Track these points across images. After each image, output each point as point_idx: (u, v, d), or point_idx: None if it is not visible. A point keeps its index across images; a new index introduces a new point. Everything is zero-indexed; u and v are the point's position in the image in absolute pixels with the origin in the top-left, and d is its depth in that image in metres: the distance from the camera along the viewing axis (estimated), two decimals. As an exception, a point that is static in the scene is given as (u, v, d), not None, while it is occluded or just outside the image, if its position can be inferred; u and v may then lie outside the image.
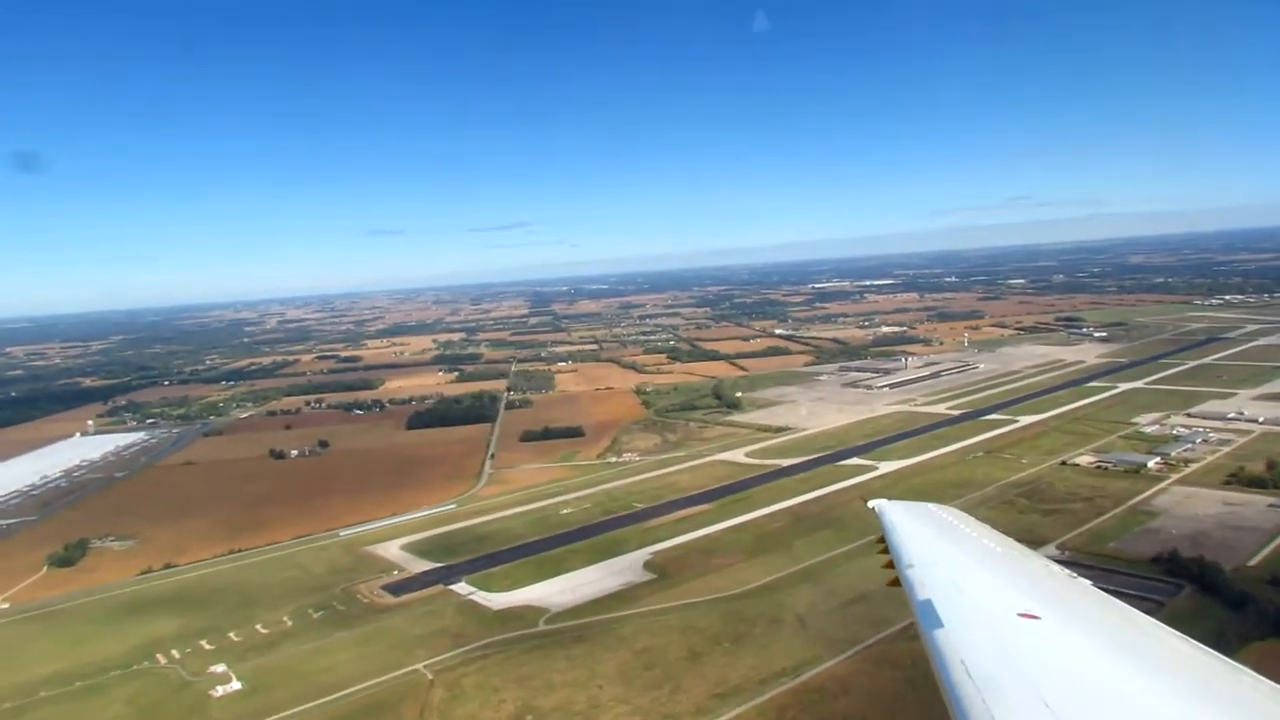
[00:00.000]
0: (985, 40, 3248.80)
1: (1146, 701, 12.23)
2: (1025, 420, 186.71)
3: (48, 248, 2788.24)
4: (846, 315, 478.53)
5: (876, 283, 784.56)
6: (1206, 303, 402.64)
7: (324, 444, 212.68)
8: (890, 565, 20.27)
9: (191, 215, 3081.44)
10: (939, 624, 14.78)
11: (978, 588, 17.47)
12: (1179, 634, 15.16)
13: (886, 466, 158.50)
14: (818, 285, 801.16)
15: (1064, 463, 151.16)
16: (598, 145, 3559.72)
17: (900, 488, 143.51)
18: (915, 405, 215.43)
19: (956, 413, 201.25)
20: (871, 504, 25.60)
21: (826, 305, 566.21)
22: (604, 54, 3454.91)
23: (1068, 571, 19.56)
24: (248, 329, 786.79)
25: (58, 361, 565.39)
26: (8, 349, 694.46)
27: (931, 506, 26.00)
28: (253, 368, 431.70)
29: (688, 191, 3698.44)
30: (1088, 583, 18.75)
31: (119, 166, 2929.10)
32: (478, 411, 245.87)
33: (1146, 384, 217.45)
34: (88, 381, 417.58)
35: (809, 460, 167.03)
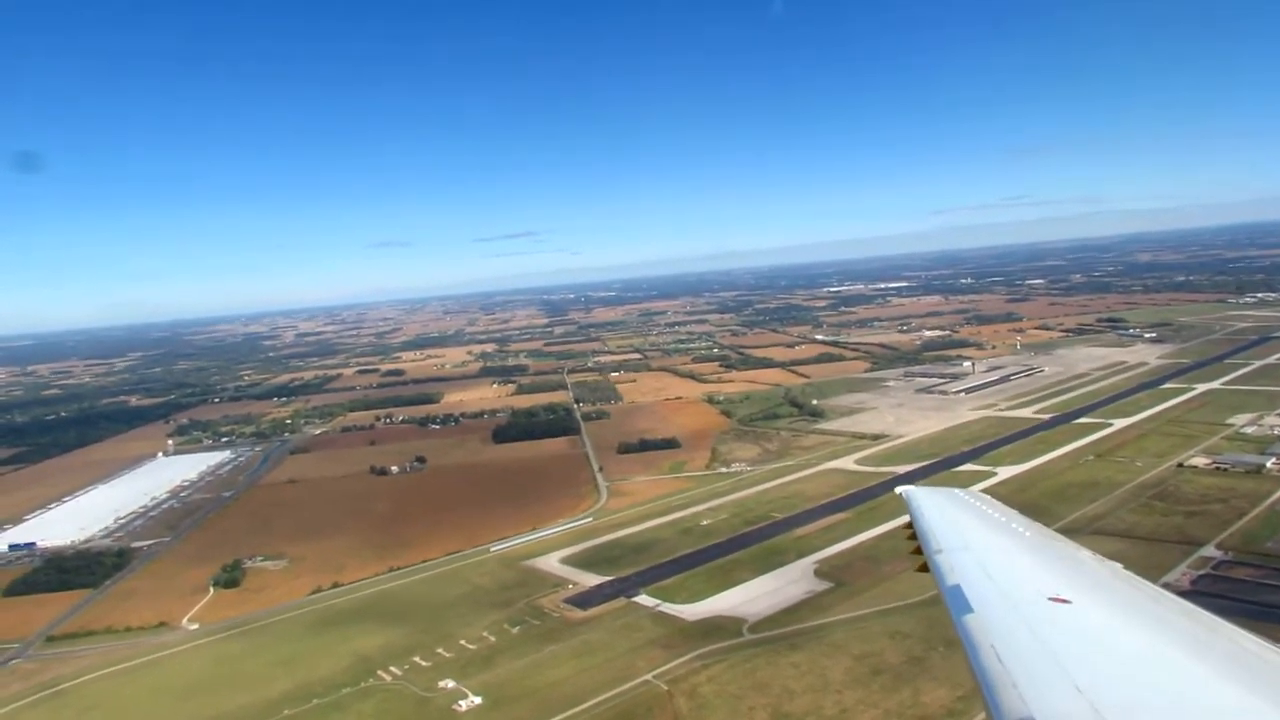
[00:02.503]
0: (980, 40, 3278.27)
1: (1181, 685, 12.06)
2: (1119, 423, 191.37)
3: (48, 265, 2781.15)
4: (880, 320, 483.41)
5: (892, 285, 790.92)
6: (1240, 301, 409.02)
7: (421, 460, 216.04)
8: (918, 551, 20.48)
9: (196, 229, 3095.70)
10: (968, 609, 14.83)
11: (1006, 572, 17.24)
12: (1215, 616, 14.98)
13: (1005, 471, 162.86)
14: (833, 289, 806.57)
15: (1180, 465, 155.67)
16: (598, 155, 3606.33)
17: (1030, 492, 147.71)
18: (999, 410, 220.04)
19: (1046, 417, 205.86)
20: (899, 490, 26.10)
21: (853, 309, 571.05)
22: (604, 67, 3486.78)
23: (1097, 555, 19.44)
24: (266, 343, 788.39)
25: (88, 380, 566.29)
26: (30, 367, 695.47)
27: (958, 491, 25.81)
28: (296, 383, 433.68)
29: (686, 197, 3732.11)
30: (1118, 565, 18.64)
31: (122, 182, 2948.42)
32: (559, 424, 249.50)
33: (1223, 385, 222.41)
34: (134, 400, 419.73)
35: (923, 467, 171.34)
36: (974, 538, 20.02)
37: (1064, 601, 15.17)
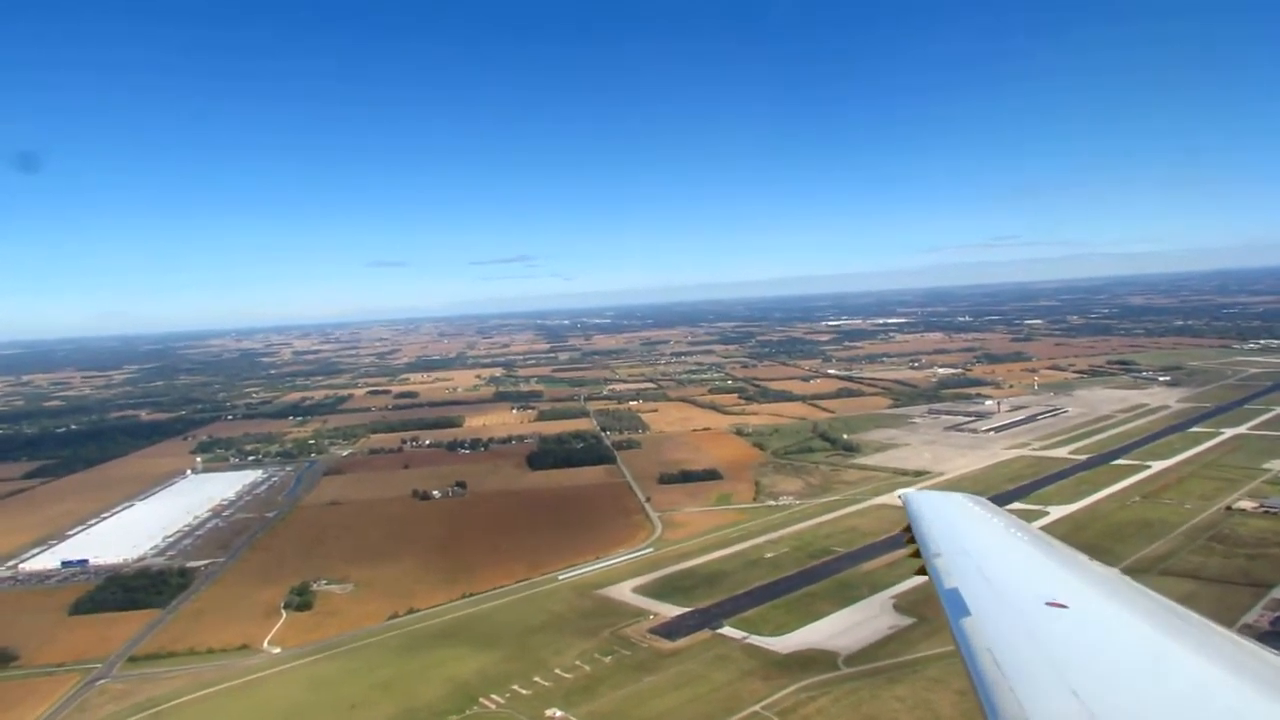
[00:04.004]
0: (972, 84, 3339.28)
1: (1179, 691, 12.05)
2: (1157, 466, 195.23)
3: (37, 272, 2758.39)
4: (889, 356, 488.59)
5: (891, 321, 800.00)
6: (1245, 348, 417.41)
7: (461, 485, 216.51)
8: (917, 554, 20.54)
9: (187, 243, 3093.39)
10: (966, 612, 14.88)
11: (1005, 577, 17.31)
12: (1213, 623, 15.02)
13: (1056, 511, 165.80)
14: (832, 323, 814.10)
15: (1229, 508, 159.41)
16: (593, 184, 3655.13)
17: (1086, 533, 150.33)
18: (1033, 449, 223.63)
19: (1082, 457, 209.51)
20: (899, 494, 26.38)
21: (858, 344, 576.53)
22: (603, 99, 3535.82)
23: (1097, 562, 19.53)
24: (264, 360, 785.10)
25: (89, 392, 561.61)
26: (25, 377, 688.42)
27: (958, 496, 25.79)
28: (307, 402, 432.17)
29: (678, 227, 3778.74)
30: (1117, 571, 18.51)
31: (115, 191, 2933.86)
32: (593, 452, 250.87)
33: (1250, 430, 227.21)
34: (144, 414, 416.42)
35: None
36: (972, 542, 20.28)
37: (1061, 606, 15.28)
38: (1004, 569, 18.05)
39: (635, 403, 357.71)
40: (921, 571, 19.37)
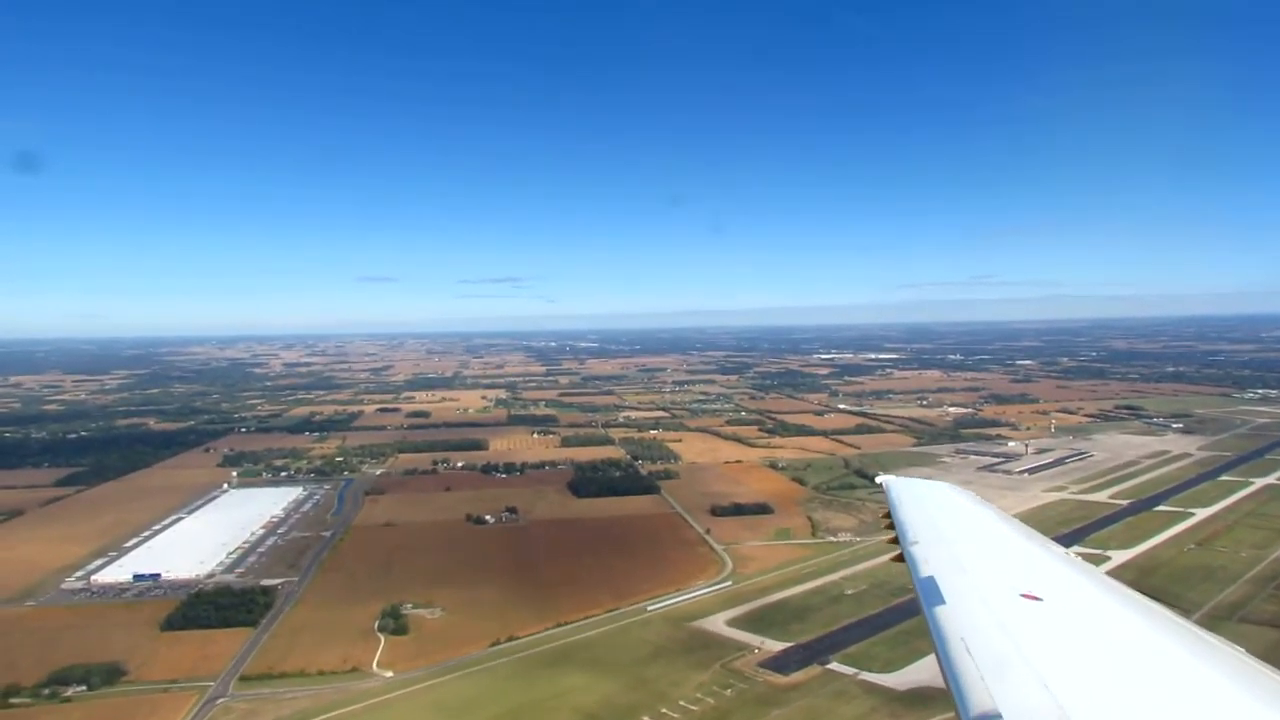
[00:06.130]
0: (948, 125, 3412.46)
1: (1148, 684, 12.18)
2: (1200, 513, 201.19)
3: (10, 272, 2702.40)
4: (894, 392, 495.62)
5: (884, 356, 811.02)
6: (1245, 396, 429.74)
7: (512, 510, 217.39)
8: (895, 542, 20.55)
9: (166, 249, 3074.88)
10: (940, 601, 14.95)
11: (981, 567, 17.37)
12: (1185, 620, 15.20)
13: (1118, 556, 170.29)
14: (825, 357, 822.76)
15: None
16: (579, 209, 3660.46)
17: (1154, 578, 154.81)
18: (1071, 493, 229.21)
19: (1123, 502, 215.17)
20: (879, 478, 26.48)
21: (859, 380, 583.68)
22: (596, 124, 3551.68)
23: (1075, 555, 19.53)
24: (256, 371, 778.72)
25: (84, 397, 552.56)
26: (12, 378, 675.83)
27: (940, 484, 25.81)
28: (317, 417, 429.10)
29: (662, 256, 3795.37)
30: (1093, 567, 18.76)
31: (96, 194, 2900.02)
32: (633, 481, 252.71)
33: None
34: (152, 423, 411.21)
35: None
36: (951, 531, 20.35)
37: (1036, 599, 15.38)
38: (980, 560, 18.12)
39: (655, 432, 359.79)
40: (900, 559, 19.40)
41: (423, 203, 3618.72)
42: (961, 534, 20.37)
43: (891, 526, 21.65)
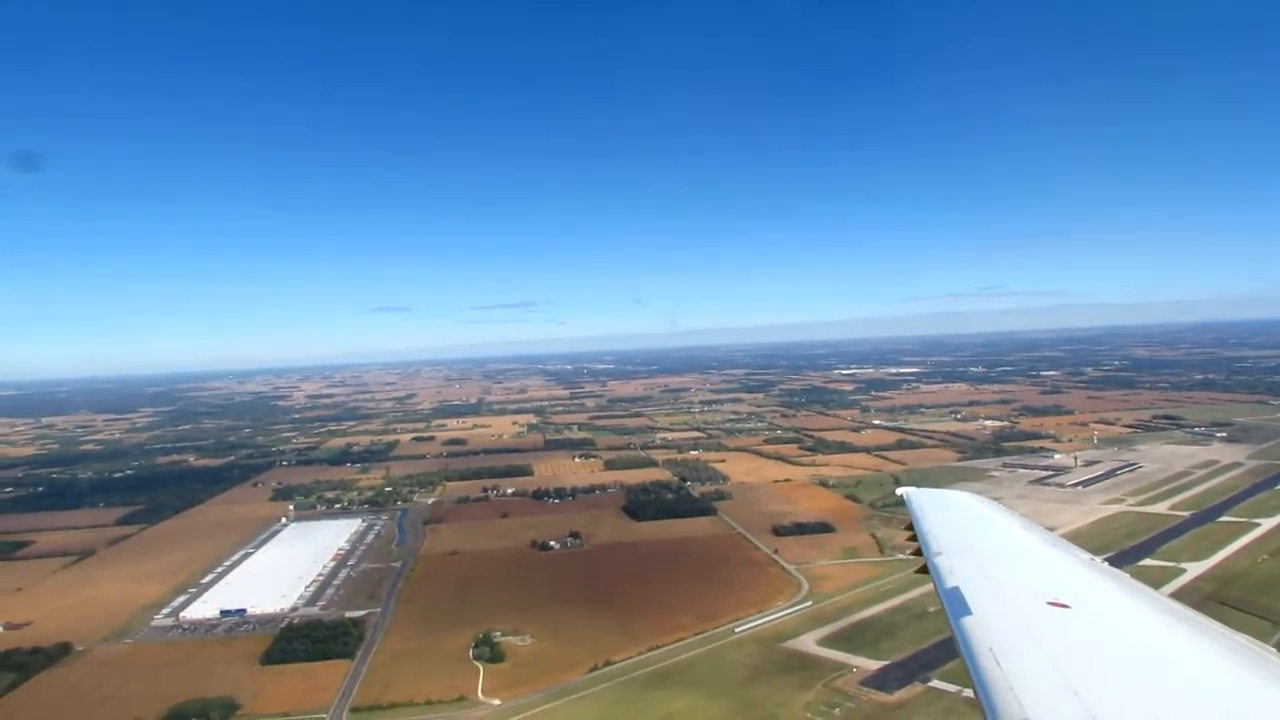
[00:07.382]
0: (954, 136, 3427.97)
1: (1181, 691, 12.01)
2: (1266, 523, 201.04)
3: (25, 315, 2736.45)
4: (924, 406, 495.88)
5: (905, 370, 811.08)
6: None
7: (576, 535, 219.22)
8: (918, 553, 20.46)
9: (182, 285, 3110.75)
10: (967, 611, 14.83)
11: (1007, 576, 17.27)
12: (1218, 624, 15.01)
13: (1193, 568, 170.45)
14: (847, 372, 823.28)
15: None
16: (590, 231, 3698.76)
17: (1234, 589, 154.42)
18: (1129, 505, 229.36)
19: (1185, 513, 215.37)
20: (899, 490, 26.70)
21: (887, 394, 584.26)
22: (601, 146, 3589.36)
23: (1102, 561, 19.44)
24: (280, 404, 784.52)
25: (119, 435, 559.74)
26: (45, 419, 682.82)
27: (961, 494, 25.79)
28: (355, 448, 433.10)
29: (673, 275, 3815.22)
30: (1120, 572, 18.60)
31: (113, 233, 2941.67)
32: (688, 503, 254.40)
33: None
34: (192, 459, 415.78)
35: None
36: (975, 541, 20.36)
37: (1064, 606, 15.24)
38: (1006, 569, 18.10)
39: (695, 452, 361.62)
40: (923, 570, 19.28)
41: (434, 233, 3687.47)
42: (985, 543, 20.49)
43: (914, 538, 21.78)
